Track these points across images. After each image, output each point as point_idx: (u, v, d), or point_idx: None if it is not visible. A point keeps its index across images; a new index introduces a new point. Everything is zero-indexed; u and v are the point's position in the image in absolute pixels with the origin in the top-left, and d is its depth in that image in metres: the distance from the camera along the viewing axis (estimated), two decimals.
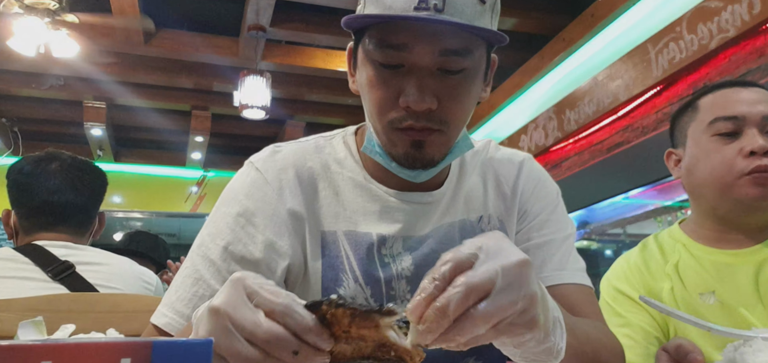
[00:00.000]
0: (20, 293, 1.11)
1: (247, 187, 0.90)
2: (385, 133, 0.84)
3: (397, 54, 0.80)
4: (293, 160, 0.93)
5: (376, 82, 0.82)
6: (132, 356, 0.34)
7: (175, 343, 0.36)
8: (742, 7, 3.21)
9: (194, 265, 0.86)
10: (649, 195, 4.30)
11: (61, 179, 1.51)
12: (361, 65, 0.85)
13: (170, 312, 0.84)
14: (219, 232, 0.87)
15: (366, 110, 0.88)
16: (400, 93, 0.81)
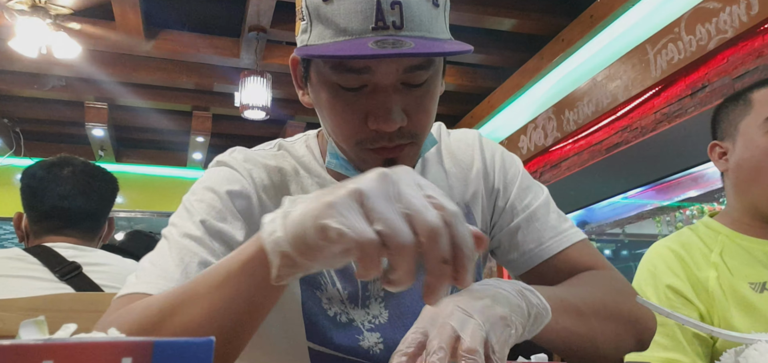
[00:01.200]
0: (27, 292, 1.12)
1: (222, 178, 0.85)
2: (353, 153, 0.80)
3: (358, 77, 0.74)
4: (262, 161, 0.89)
5: (337, 106, 0.77)
6: (133, 355, 0.33)
7: (177, 342, 0.36)
8: (740, 9, 3.22)
9: (171, 245, 0.78)
10: (648, 195, 4.31)
11: (72, 185, 1.54)
12: (317, 86, 0.79)
13: (157, 279, 0.74)
14: (194, 213, 0.81)
15: (327, 128, 0.83)
16: (365, 114, 0.76)
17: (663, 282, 1.28)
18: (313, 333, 0.83)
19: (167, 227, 0.83)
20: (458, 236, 0.51)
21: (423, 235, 0.49)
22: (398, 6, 0.71)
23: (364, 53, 0.68)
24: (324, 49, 0.72)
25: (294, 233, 0.53)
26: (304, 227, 0.52)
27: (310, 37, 0.76)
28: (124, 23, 4.52)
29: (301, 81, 0.86)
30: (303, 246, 0.52)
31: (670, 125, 3.78)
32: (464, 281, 0.52)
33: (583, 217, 4.95)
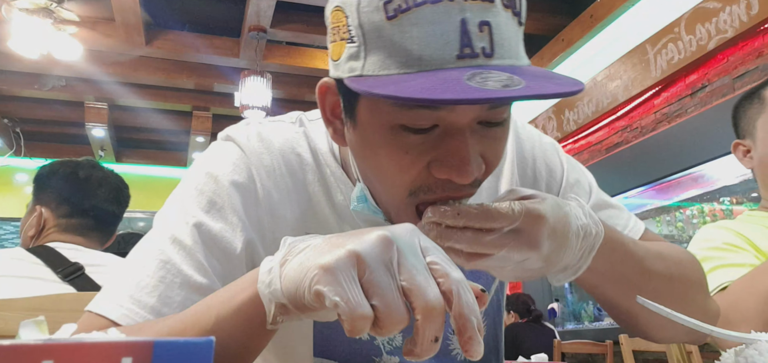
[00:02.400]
0: (29, 293, 1.12)
1: (228, 164, 0.75)
2: (402, 203, 0.66)
3: (432, 114, 0.60)
4: (278, 143, 0.77)
5: (396, 151, 0.62)
6: (133, 355, 0.33)
7: (177, 342, 0.35)
8: (739, 8, 3.22)
9: (154, 254, 0.70)
10: (648, 195, 4.31)
11: (109, 190, 1.59)
12: (368, 125, 0.64)
13: (129, 302, 0.67)
14: (189, 210, 0.72)
15: (368, 173, 0.69)
16: (430, 160, 0.62)
17: (731, 228, 1.31)
18: (323, 347, 0.79)
19: (159, 218, 0.75)
20: (464, 306, 0.46)
21: (419, 312, 0.45)
22: (487, 27, 0.57)
23: (464, 97, 0.52)
24: (398, 87, 0.55)
25: (288, 290, 0.50)
26: (298, 287, 0.49)
27: (365, 66, 0.60)
28: (124, 23, 4.52)
29: (333, 114, 0.70)
30: (298, 302, 0.50)
31: (670, 125, 3.79)
32: (474, 352, 0.47)
33: None
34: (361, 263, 0.46)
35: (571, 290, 5.27)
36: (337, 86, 0.67)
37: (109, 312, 0.67)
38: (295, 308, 0.50)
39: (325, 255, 0.47)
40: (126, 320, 0.66)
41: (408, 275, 0.46)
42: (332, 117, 0.70)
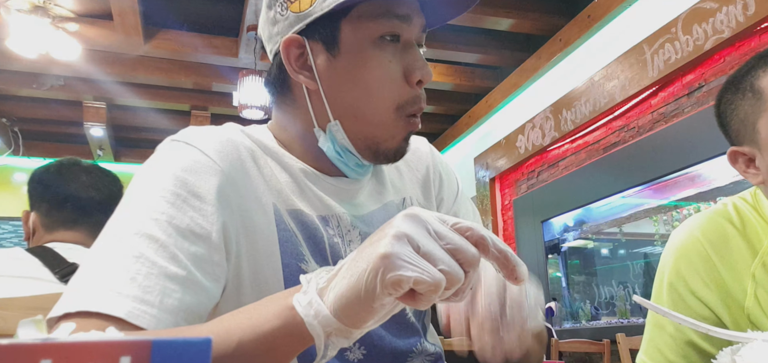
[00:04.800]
0: (26, 293, 1.13)
1: (183, 159, 0.74)
2: (387, 124, 0.77)
3: (402, 25, 0.76)
4: (221, 138, 0.79)
5: (383, 62, 0.75)
6: (132, 354, 0.33)
7: (175, 341, 0.35)
8: (736, 9, 3.23)
9: (128, 244, 0.67)
10: (645, 194, 4.32)
11: (85, 179, 1.59)
12: (354, 50, 0.75)
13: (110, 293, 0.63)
14: (155, 209, 0.69)
15: (352, 102, 0.77)
16: (403, 71, 0.76)
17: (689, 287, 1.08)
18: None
19: (115, 221, 0.70)
20: (498, 243, 0.53)
21: (467, 265, 0.51)
22: None
23: None
24: None
25: (343, 306, 0.51)
26: (361, 293, 0.50)
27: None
28: (122, 23, 4.52)
29: (298, 64, 0.79)
30: (355, 315, 0.51)
31: (667, 125, 3.79)
32: (523, 274, 0.54)
33: (581, 216, 4.97)
34: (411, 241, 0.50)
35: (568, 289, 5.28)
36: (302, 36, 0.77)
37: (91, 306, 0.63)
38: (350, 324, 0.52)
39: (377, 249, 0.50)
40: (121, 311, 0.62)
41: (448, 238, 0.51)
42: (298, 68, 0.79)
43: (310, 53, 0.78)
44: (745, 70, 1.09)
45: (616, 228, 4.94)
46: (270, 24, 0.82)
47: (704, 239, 1.08)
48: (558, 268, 5.31)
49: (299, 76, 0.79)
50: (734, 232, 1.07)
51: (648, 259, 4.70)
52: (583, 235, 5.19)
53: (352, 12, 0.75)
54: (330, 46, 0.77)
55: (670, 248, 1.14)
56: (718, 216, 1.11)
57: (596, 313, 4.84)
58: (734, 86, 1.10)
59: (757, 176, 1.06)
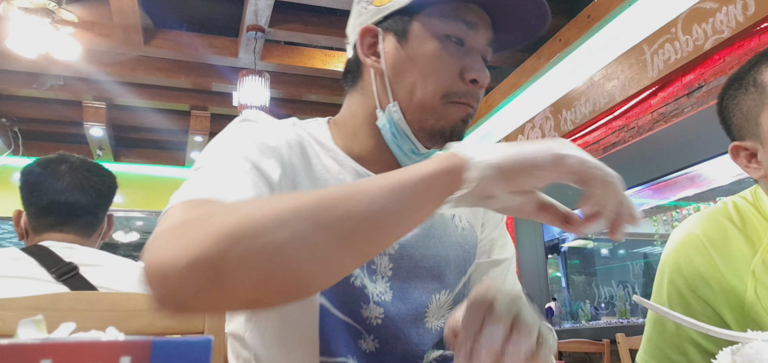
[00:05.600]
0: (22, 293, 1.12)
1: (251, 131, 0.82)
2: (439, 107, 0.86)
3: (466, 31, 0.85)
4: (280, 126, 0.88)
5: (444, 56, 0.85)
6: (131, 355, 0.33)
7: (175, 341, 0.36)
8: (736, 9, 3.23)
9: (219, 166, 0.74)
10: (645, 194, 4.32)
11: (69, 180, 1.54)
12: (419, 41, 0.86)
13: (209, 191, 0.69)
14: (234, 149, 0.77)
15: (411, 85, 0.87)
16: (461, 70, 0.85)
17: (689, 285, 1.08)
18: (327, 347, 0.83)
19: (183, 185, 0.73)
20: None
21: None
22: None
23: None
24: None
25: (508, 159, 0.57)
26: (527, 154, 0.57)
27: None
28: (122, 23, 4.52)
29: (369, 50, 0.90)
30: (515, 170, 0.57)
31: (666, 125, 3.79)
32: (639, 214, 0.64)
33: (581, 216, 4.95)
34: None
35: (568, 289, 5.28)
36: (378, 27, 0.89)
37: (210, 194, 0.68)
38: (505, 178, 0.58)
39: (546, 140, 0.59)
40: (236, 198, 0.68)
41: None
42: (369, 52, 0.90)
43: (381, 41, 0.89)
44: (749, 66, 1.10)
45: None
46: (355, 18, 0.93)
47: (704, 237, 1.08)
48: (558, 268, 5.31)
49: (368, 59, 0.90)
50: (734, 230, 1.08)
51: (648, 259, 4.70)
52: (582, 235, 5.19)
53: (425, 10, 0.86)
54: (400, 36, 0.87)
55: (671, 246, 1.14)
56: (718, 214, 1.11)
57: (596, 313, 4.84)
58: (737, 82, 1.11)
59: (758, 170, 1.07)
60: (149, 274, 0.56)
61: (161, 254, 0.56)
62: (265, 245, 0.53)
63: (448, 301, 0.93)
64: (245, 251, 0.53)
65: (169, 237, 0.58)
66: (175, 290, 0.54)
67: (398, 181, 0.58)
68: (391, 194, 0.57)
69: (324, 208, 0.55)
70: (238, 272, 0.53)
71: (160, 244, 0.57)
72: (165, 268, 0.54)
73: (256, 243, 0.53)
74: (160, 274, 0.55)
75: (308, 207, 0.55)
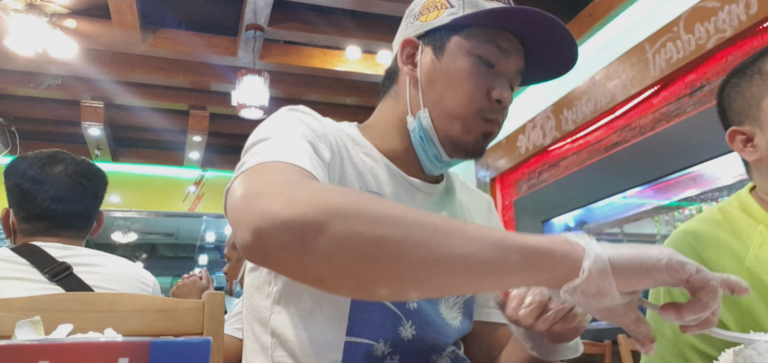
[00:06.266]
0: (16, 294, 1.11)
1: (300, 118, 0.87)
2: (465, 119, 0.93)
3: (498, 55, 0.93)
4: (321, 118, 0.94)
5: (475, 74, 0.93)
6: (130, 356, 0.34)
7: (173, 342, 0.36)
8: (739, 8, 3.22)
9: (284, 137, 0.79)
10: (647, 194, 4.31)
11: (66, 186, 1.49)
12: (455, 55, 0.94)
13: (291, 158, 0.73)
14: (291, 129, 0.82)
15: (441, 96, 0.95)
16: (490, 89, 0.93)
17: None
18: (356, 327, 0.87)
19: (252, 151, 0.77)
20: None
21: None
22: None
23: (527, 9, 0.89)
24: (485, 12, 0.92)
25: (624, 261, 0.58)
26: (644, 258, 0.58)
27: (464, 10, 0.94)
28: (120, 21, 4.51)
29: (408, 60, 0.99)
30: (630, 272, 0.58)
31: (668, 124, 3.79)
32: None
33: (582, 216, 4.96)
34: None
35: None
36: (419, 40, 0.98)
37: (297, 161, 0.73)
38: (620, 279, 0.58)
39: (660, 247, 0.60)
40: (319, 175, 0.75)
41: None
42: (407, 61, 0.99)
43: (420, 52, 0.98)
44: (753, 58, 1.15)
45: (618, 228, 4.94)
46: (401, 31, 1.04)
47: (695, 242, 1.12)
48: None
49: (405, 66, 0.99)
50: (723, 233, 1.12)
51: None
52: None
53: (463, 31, 0.94)
54: (437, 50, 0.96)
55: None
56: (705, 222, 1.16)
57: None
58: (741, 71, 1.16)
59: (754, 153, 1.13)
60: (243, 217, 0.60)
61: (261, 204, 0.59)
62: (363, 237, 0.56)
63: (457, 303, 0.99)
64: (343, 232, 0.56)
65: (270, 189, 0.62)
66: (265, 239, 0.58)
67: (503, 240, 0.59)
68: (493, 248, 0.58)
69: (426, 227, 0.58)
70: (328, 248, 0.56)
71: (257, 191, 0.62)
72: (264, 217, 0.58)
73: (356, 230, 0.56)
74: (254, 220, 0.58)
75: (412, 218, 0.58)
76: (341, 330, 0.86)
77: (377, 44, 5.07)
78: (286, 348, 0.88)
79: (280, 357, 0.89)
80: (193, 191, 7.95)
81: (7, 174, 1.50)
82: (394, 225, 0.57)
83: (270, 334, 0.90)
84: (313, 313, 0.87)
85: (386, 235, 0.57)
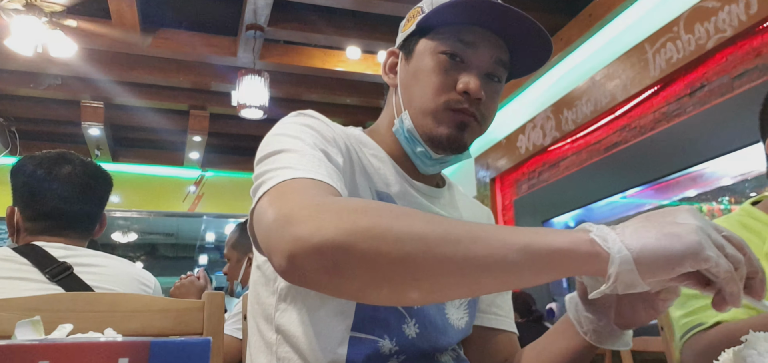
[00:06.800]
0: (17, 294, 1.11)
1: (309, 124, 0.89)
2: (435, 113, 0.95)
3: (464, 49, 0.94)
4: (329, 122, 0.96)
5: (438, 69, 0.95)
6: (129, 356, 0.33)
7: (173, 342, 0.36)
8: (739, 7, 3.22)
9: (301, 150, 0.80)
10: (647, 194, 4.31)
11: (73, 187, 1.49)
12: (421, 55, 0.97)
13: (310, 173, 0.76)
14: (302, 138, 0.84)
15: (413, 95, 0.98)
16: (456, 81, 0.94)
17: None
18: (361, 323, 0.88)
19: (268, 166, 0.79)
20: (754, 260, 0.64)
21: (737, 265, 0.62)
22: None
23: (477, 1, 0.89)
24: (439, 8, 0.93)
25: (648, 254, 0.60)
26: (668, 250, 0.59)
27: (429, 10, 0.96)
28: (120, 21, 4.51)
29: (390, 69, 1.04)
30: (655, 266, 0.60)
31: (668, 124, 3.79)
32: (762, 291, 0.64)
33: (582, 216, 4.96)
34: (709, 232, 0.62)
35: (569, 290, 5.27)
36: (398, 49, 1.03)
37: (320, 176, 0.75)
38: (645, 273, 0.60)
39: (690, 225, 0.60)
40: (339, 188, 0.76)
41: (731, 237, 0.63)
42: (389, 71, 1.05)
43: (400, 60, 1.03)
44: None
45: None
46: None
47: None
48: None
49: (386, 76, 1.05)
50: (741, 229, 1.19)
51: None
52: None
53: (430, 33, 0.97)
54: (407, 54, 1.01)
55: None
56: (727, 220, 1.23)
57: None
58: None
59: None
60: (277, 244, 0.64)
61: (292, 230, 0.63)
62: (389, 257, 0.60)
63: (462, 304, 1.01)
64: (371, 253, 0.60)
65: (299, 213, 0.65)
66: (300, 265, 0.62)
67: (527, 243, 0.61)
68: (517, 252, 0.61)
69: (449, 240, 0.61)
70: (358, 268, 0.61)
71: (287, 217, 0.65)
72: (296, 244, 0.62)
73: (382, 250, 0.60)
74: (288, 248, 0.62)
75: (435, 233, 0.61)
76: (346, 325, 0.87)
77: (377, 44, 5.06)
78: (291, 343, 0.89)
79: (285, 353, 0.89)
80: (193, 191, 7.95)
81: (14, 173, 1.51)
82: (417, 242, 0.60)
83: (275, 331, 0.91)
84: (319, 309, 0.88)
85: (411, 253, 0.60)
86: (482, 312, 1.08)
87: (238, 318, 2.01)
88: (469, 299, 1.02)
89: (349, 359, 0.86)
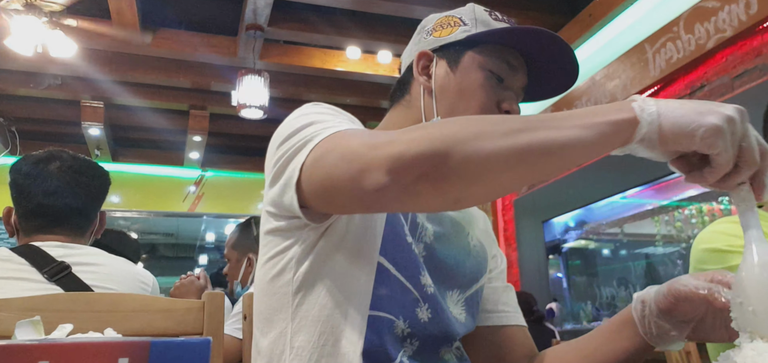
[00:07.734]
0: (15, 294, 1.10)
1: (326, 107, 0.91)
2: None
3: (507, 71, 1.01)
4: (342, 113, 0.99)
5: (487, 86, 1.00)
6: (129, 356, 0.33)
7: (173, 342, 0.36)
8: (739, 8, 3.22)
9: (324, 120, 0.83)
10: (647, 194, 4.31)
11: (59, 181, 1.49)
12: (467, 71, 1.01)
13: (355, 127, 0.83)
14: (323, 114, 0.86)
15: (455, 105, 1.02)
16: (498, 101, 1.01)
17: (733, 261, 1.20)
18: (378, 302, 0.90)
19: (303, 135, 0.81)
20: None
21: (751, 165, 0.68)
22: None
23: (536, 29, 0.96)
24: (498, 31, 1.00)
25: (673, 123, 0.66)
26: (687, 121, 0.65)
27: (476, 29, 1.02)
28: (120, 21, 4.51)
29: (423, 71, 1.06)
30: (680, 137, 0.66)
31: None
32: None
33: (582, 216, 4.96)
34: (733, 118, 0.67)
35: (569, 290, 5.27)
36: (434, 53, 1.05)
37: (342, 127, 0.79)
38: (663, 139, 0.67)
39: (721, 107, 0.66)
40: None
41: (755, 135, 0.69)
42: (422, 72, 1.05)
43: (434, 64, 1.05)
44: None
45: (618, 228, 4.94)
46: (413, 45, 1.11)
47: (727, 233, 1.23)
48: (559, 268, 5.31)
49: (421, 77, 1.06)
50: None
51: (649, 259, 4.69)
52: (584, 236, 5.19)
53: (477, 47, 1.01)
54: (451, 63, 1.03)
55: (695, 245, 1.29)
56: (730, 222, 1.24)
57: (597, 314, 4.84)
58: None
59: None
60: (370, 163, 0.68)
61: (384, 150, 0.67)
62: (485, 152, 0.65)
63: (460, 299, 1.02)
64: (467, 153, 0.65)
65: (378, 139, 0.69)
66: (401, 175, 0.66)
67: (590, 122, 0.68)
68: (583, 129, 0.67)
69: (529, 128, 0.67)
70: (458, 169, 0.65)
71: (368, 143, 0.70)
72: (393, 158, 0.66)
73: (477, 148, 0.65)
74: (386, 163, 0.66)
75: (515, 130, 0.66)
76: (365, 304, 0.89)
77: (377, 44, 5.06)
78: (308, 331, 0.88)
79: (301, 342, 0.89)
80: (193, 191, 7.95)
81: (9, 173, 1.52)
82: (504, 135, 0.66)
83: (290, 319, 0.89)
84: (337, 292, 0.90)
85: (503, 146, 0.65)
86: (489, 312, 1.08)
87: (238, 318, 2.01)
88: (465, 297, 1.03)
89: (367, 338, 0.87)
